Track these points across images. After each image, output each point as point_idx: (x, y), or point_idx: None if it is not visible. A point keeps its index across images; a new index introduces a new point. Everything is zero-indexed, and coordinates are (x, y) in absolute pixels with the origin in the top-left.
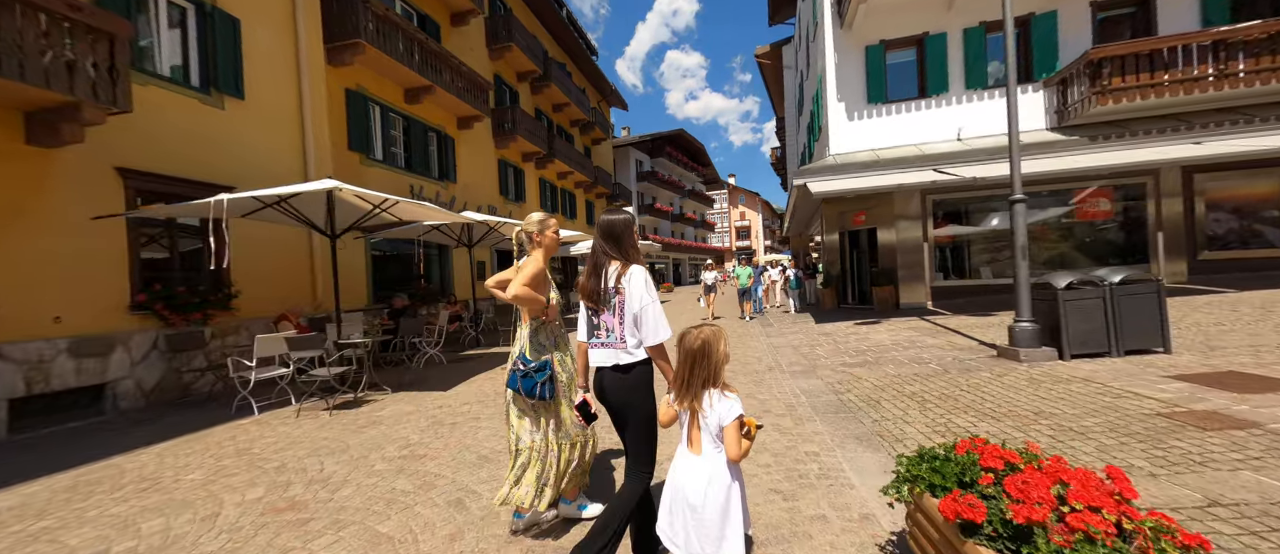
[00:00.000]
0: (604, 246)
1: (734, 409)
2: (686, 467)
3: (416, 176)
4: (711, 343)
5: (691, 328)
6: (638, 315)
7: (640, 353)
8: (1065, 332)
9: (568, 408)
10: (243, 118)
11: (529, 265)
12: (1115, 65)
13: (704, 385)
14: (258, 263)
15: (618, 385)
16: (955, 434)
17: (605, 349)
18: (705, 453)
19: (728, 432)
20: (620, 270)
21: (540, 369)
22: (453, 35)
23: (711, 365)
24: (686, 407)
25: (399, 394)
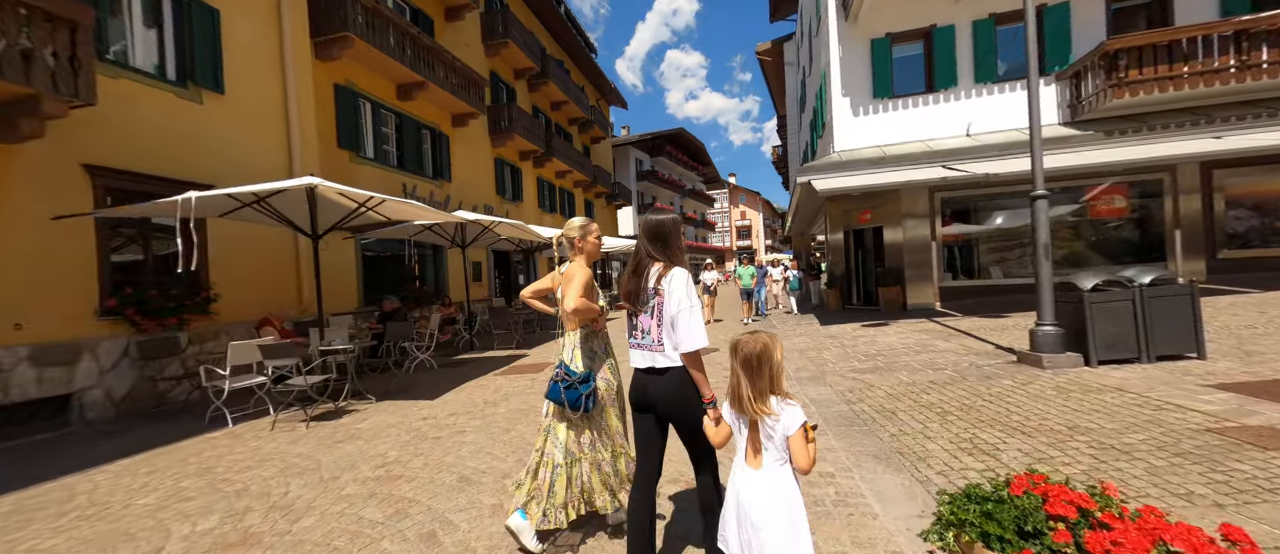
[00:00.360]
0: (649, 247)
1: (797, 417)
2: (748, 482)
3: (409, 175)
4: (770, 349)
5: (746, 334)
6: (674, 319)
7: (677, 357)
8: (1092, 336)
9: (615, 417)
10: (223, 113)
11: (576, 274)
12: (1132, 57)
13: (764, 395)
14: (239, 264)
15: (658, 387)
16: (983, 451)
17: (642, 351)
18: (767, 466)
19: (794, 442)
20: (662, 271)
21: (585, 381)
22: (447, 31)
23: (771, 372)
24: (746, 417)
25: (383, 403)
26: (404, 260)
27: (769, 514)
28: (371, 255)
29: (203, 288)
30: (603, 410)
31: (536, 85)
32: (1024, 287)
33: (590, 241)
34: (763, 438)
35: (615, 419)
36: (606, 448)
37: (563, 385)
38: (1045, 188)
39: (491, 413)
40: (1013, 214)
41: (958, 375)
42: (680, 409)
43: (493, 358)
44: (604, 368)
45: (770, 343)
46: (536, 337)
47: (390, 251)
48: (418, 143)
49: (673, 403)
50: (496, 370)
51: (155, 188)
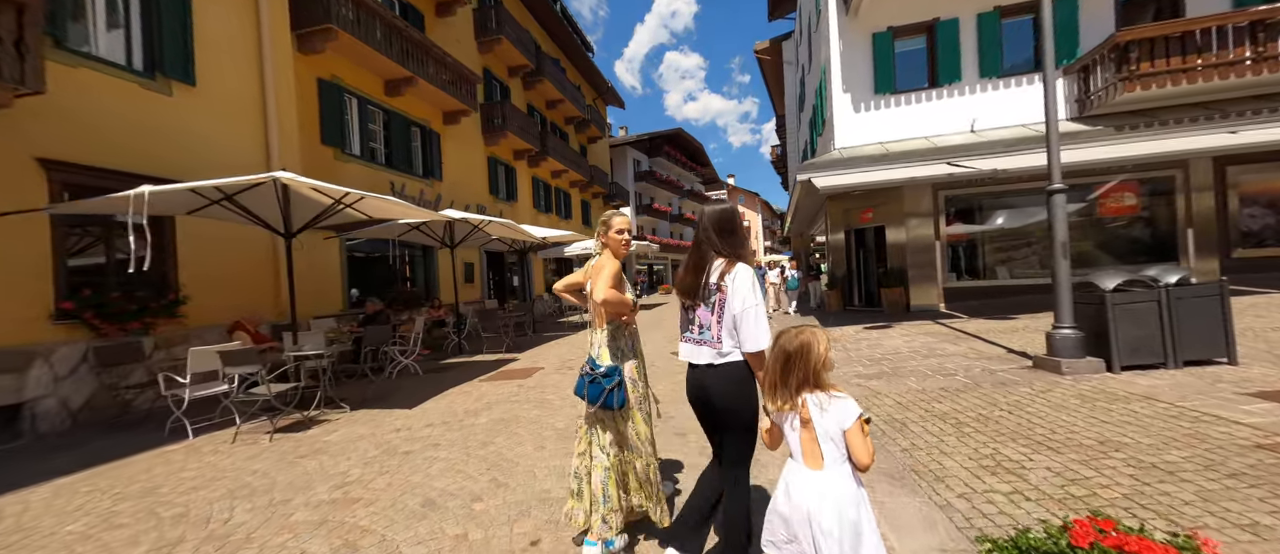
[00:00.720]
0: (712, 240)
1: (853, 408)
2: (808, 484)
3: (398, 173)
4: (809, 345)
5: (790, 328)
6: (738, 317)
7: (736, 353)
8: (1115, 340)
9: (642, 421)
10: (194, 106)
11: (604, 266)
12: (1144, 49)
13: (799, 388)
14: (212, 265)
15: (717, 382)
16: (1008, 470)
17: (700, 346)
18: (828, 465)
19: (852, 436)
20: (726, 267)
21: (608, 375)
22: (438, 26)
23: (808, 366)
24: (780, 409)
25: (358, 412)
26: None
27: (838, 517)
28: (360, 256)
29: (170, 289)
30: (629, 413)
31: (531, 83)
32: (1031, 287)
33: (611, 238)
34: (819, 437)
35: (643, 423)
36: (638, 454)
37: (587, 379)
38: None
39: (471, 424)
40: (1019, 213)
41: (970, 382)
42: (734, 405)
43: (481, 362)
44: (629, 367)
45: (811, 339)
46: (528, 340)
47: (379, 252)
48: (407, 140)
49: (728, 398)
50: (483, 376)
51: (119, 184)
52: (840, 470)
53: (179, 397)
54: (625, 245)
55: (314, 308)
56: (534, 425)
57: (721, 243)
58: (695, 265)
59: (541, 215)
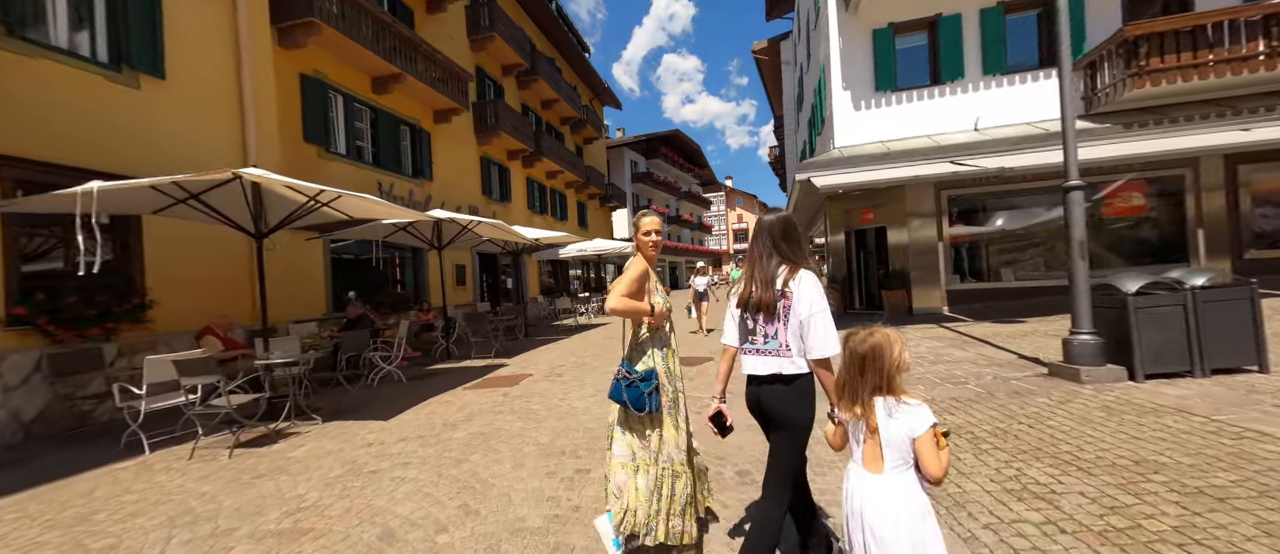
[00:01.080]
0: (774, 247)
1: (925, 417)
2: (866, 489)
3: (386, 173)
4: (881, 348)
5: (860, 329)
6: (805, 323)
7: (804, 364)
8: (1138, 346)
9: (672, 428)
10: (164, 100)
11: (628, 270)
12: (1153, 44)
13: (873, 393)
14: (182, 266)
15: (780, 397)
16: (1037, 496)
17: (764, 357)
18: (888, 471)
19: (922, 445)
20: (790, 273)
21: (645, 378)
22: (428, 22)
23: (882, 370)
24: (853, 416)
25: (330, 425)
26: (381, 263)
27: (894, 524)
28: (348, 258)
29: (136, 293)
30: (658, 418)
31: (526, 82)
32: (1038, 289)
33: (639, 239)
34: (882, 443)
35: (673, 429)
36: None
37: (624, 383)
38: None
39: (447, 439)
40: (1024, 213)
41: (983, 391)
42: (795, 417)
43: (468, 368)
44: (661, 372)
45: (883, 342)
46: (518, 344)
47: (367, 254)
48: (395, 139)
49: (791, 410)
50: (468, 383)
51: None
52: (902, 477)
53: (135, 408)
54: (654, 246)
55: (295, 311)
56: (515, 440)
57: (786, 250)
58: (763, 276)
59: (536, 216)
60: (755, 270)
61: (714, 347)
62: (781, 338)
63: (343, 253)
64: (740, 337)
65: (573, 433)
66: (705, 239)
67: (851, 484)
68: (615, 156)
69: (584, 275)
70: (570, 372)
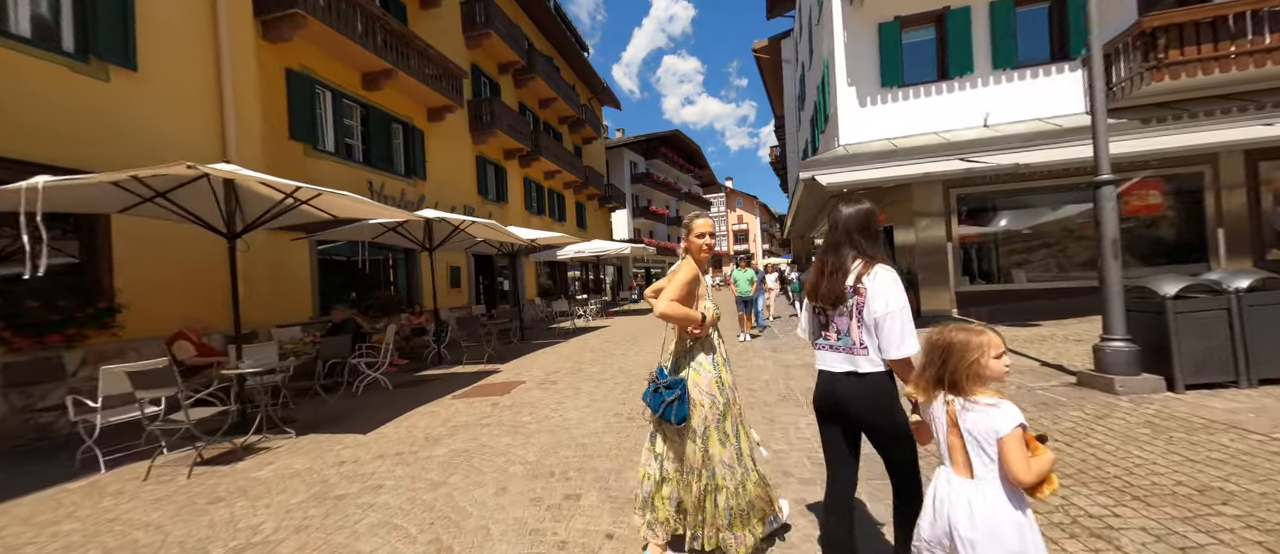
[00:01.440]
0: (847, 240)
1: (1010, 416)
2: (955, 495)
3: (377, 172)
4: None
5: (951, 324)
6: (879, 321)
7: (880, 362)
8: (1177, 354)
9: (717, 442)
10: (136, 93)
11: (677, 274)
12: (1173, 35)
13: (938, 385)
14: (155, 267)
15: (857, 394)
16: (1091, 532)
17: (836, 353)
18: (980, 475)
19: (1007, 446)
20: (864, 268)
21: (670, 387)
22: (422, 18)
23: (954, 369)
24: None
25: (304, 438)
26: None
27: (988, 536)
28: (339, 259)
29: (103, 296)
30: (706, 431)
31: (523, 80)
32: (1051, 291)
33: (691, 241)
34: (967, 444)
35: (718, 444)
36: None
37: (652, 388)
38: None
39: (427, 456)
40: (1035, 212)
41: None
42: (881, 418)
43: (459, 375)
44: (706, 380)
45: (964, 340)
46: (513, 349)
47: (358, 255)
48: (387, 137)
49: (873, 409)
50: (458, 391)
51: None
52: (994, 484)
53: (91, 423)
54: (707, 250)
55: (279, 315)
56: (500, 458)
57: (862, 244)
58: (833, 268)
59: (534, 217)
60: (826, 263)
61: None
62: (854, 335)
63: (334, 254)
64: (813, 330)
65: (563, 450)
66: None
67: (938, 487)
68: (614, 157)
69: (583, 277)
70: (565, 378)
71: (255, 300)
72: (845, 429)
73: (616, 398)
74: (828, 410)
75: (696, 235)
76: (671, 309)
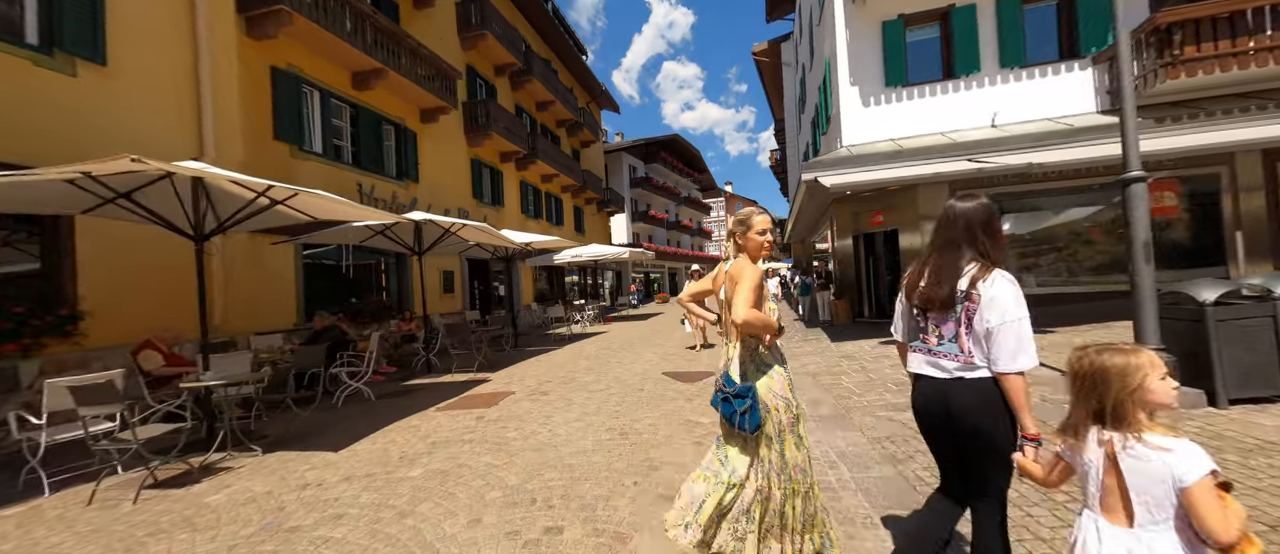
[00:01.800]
0: (967, 239)
1: (1196, 461)
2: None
3: (367, 174)
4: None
5: (1093, 345)
6: (993, 331)
7: (989, 373)
8: (1219, 366)
9: (793, 446)
10: (107, 90)
11: (744, 275)
12: (1189, 31)
13: (1096, 420)
14: (123, 270)
15: (961, 401)
16: None
17: (938, 359)
18: (1141, 525)
19: (1198, 499)
20: (979, 272)
21: (741, 394)
22: (415, 18)
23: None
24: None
25: (272, 455)
26: (365, 269)
27: None
28: (329, 264)
29: (65, 302)
30: (780, 437)
31: (520, 83)
32: (1061, 296)
33: (752, 238)
34: (1129, 488)
35: (794, 448)
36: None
37: (720, 397)
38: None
39: (399, 479)
40: (1043, 215)
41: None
42: (982, 426)
43: (446, 385)
44: (780, 384)
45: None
46: (506, 357)
47: (349, 259)
48: (377, 138)
49: (974, 417)
50: (443, 402)
51: None
52: (1161, 536)
53: (35, 441)
54: (767, 249)
55: (261, 322)
56: (479, 481)
57: (981, 243)
58: (943, 267)
59: (531, 221)
60: (931, 260)
61: (710, 362)
62: (961, 343)
63: (322, 259)
64: (908, 331)
65: (548, 472)
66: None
67: (1086, 537)
68: (614, 161)
69: (581, 282)
70: (557, 389)
71: (233, 307)
72: (948, 438)
73: (609, 411)
74: (929, 419)
75: (758, 233)
76: (752, 317)
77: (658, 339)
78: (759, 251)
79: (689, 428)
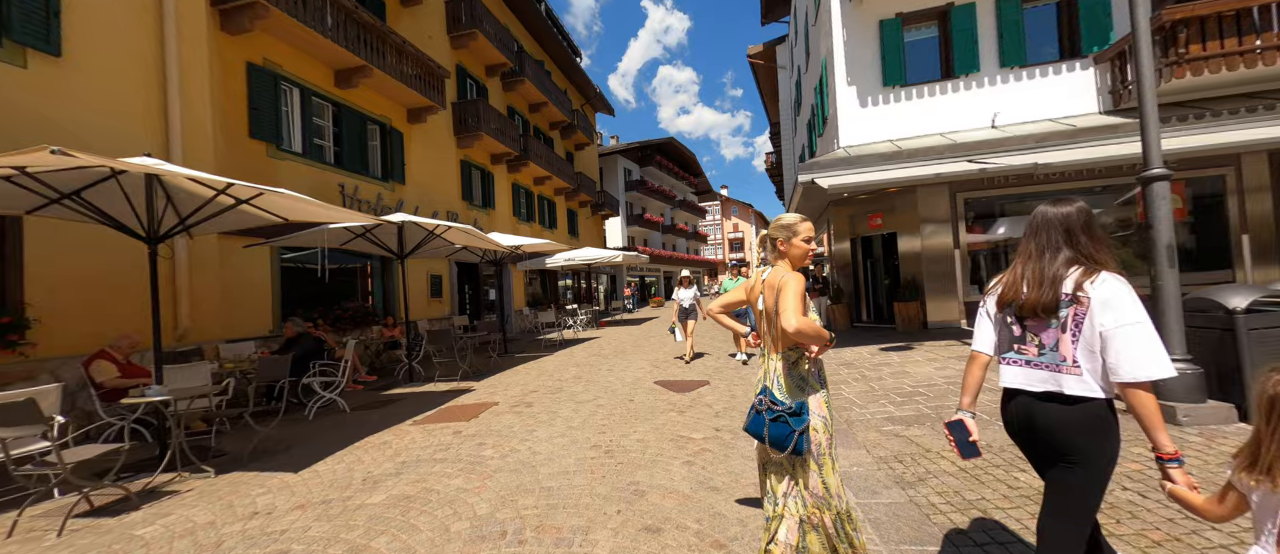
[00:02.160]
0: (1067, 242)
1: None
2: None
3: (350, 175)
4: None
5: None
6: (1109, 335)
7: (1097, 385)
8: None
9: (833, 471)
10: (61, 82)
11: (788, 283)
12: (1194, 29)
13: None
14: (78, 277)
15: (1062, 422)
16: None
17: (1035, 370)
18: None
19: None
20: (1085, 274)
21: (797, 414)
22: (402, 15)
23: None
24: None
25: (224, 478)
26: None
27: None
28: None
29: (9, 311)
30: (821, 456)
31: (511, 84)
32: None
33: (796, 245)
34: None
35: (832, 471)
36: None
37: (769, 416)
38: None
39: (358, 506)
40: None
41: None
42: (1085, 444)
43: (427, 395)
44: (819, 403)
45: None
46: (493, 364)
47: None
48: (362, 138)
49: (1078, 436)
50: (421, 415)
51: None
52: None
53: None
54: (810, 257)
55: (233, 329)
56: (445, 510)
57: (1090, 246)
58: (1042, 271)
59: (522, 224)
60: (1028, 266)
61: (704, 372)
62: (1065, 351)
63: (305, 262)
64: (1000, 343)
65: (523, 498)
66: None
67: None
68: (608, 164)
69: (574, 285)
70: (542, 400)
71: (202, 313)
72: (1050, 454)
73: (596, 425)
74: (1024, 437)
75: (804, 240)
76: (804, 325)
77: (651, 345)
78: (803, 260)
79: (680, 445)
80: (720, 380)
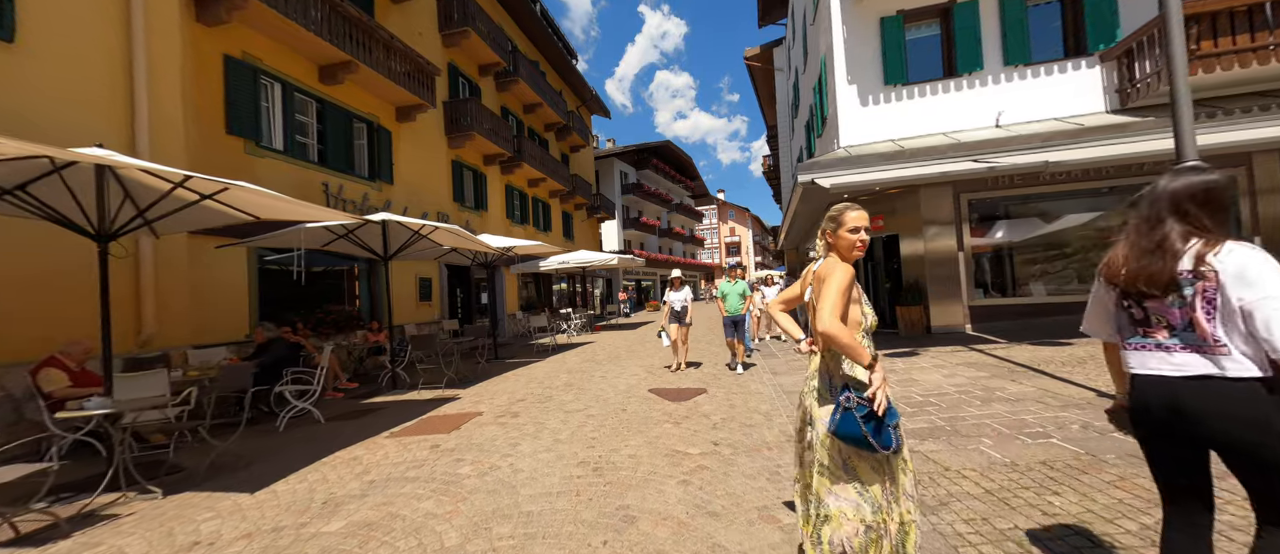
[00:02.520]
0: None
1: None
2: None
3: (335, 174)
4: None
5: None
6: (1253, 308)
7: (1248, 363)
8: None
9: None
10: (14, 69)
11: (832, 276)
12: (1205, 25)
13: None
14: (26, 277)
15: (1217, 404)
16: None
17: (1172, 353)
18: None
19: None
20: (1207, 246)
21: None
22: (392, 12)
23: None
24: None
25: (172, 499)
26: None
27: None
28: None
29: None
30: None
31: (505, 84)
32: (1074, 305)
33: (843, 237)
34: None
35: (871, 471)
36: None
37: (860, 414)
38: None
39: (311, 535)
40: (1054, 219)
41: (1082, 451)
42: (1253, 433)
43: (409, 403)
44: None
45: None
46: (480, 370)
47: (320, 266)
48: (347, 136)
49: (1241, 423)
50: (398, 426)
51: None
52: None
53: None
54: (860, 249)
55: (206, 333)
56: (409, 540)
57: (1208, 218)
58: (1147, 245)
59: (516, 226)
60: (1140, 241)
61: (699, 380)
62: (1204, 330)
63: (287, 264)
64: (1121, 327)
65: (500, 524)
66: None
67: None
68: (605, 167)
69: (569, 289)
70: (529, 410)
71: (169, 316)
72: (1189, 449)
73: (585, 438)
74: (1162, 426)
75: (850, 230)
76: (835, 329)
77: (646, 351)
78: (851, 252)
79: (675, 461)
80: (718, 388)
